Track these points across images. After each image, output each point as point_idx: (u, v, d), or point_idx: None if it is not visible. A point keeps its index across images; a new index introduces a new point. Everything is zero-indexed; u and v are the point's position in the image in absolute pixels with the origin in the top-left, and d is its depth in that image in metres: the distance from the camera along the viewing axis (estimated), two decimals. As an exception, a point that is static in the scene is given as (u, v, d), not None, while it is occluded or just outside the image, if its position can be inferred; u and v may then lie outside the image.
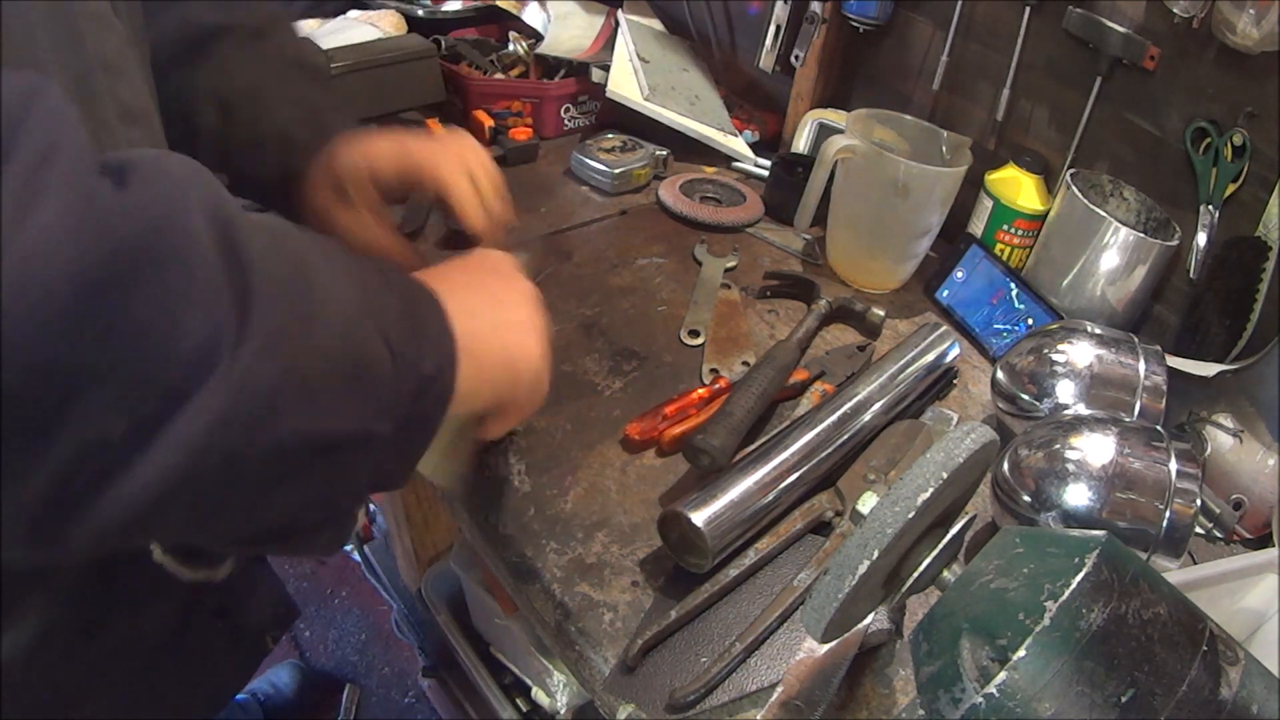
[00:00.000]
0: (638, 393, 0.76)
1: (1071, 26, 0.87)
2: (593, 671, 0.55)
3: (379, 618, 1.62)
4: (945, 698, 0.37)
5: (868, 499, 0.64)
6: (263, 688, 1.43)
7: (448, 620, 1.24)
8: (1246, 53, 0.73)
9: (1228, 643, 0.37)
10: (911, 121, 0.93)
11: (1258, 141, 0.77)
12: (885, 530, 0.40)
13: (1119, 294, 0.85)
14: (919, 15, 1.02)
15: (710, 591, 0.59)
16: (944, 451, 0.42)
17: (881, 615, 0.56)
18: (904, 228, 0.90)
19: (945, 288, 0.95)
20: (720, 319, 0.86)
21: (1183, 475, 0.58)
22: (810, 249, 1.00)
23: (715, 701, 0.54)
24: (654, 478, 0.69)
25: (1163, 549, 0.58)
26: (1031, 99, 0.95)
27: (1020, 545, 0.40)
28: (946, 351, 0.79)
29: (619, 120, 1.11)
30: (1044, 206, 0.92)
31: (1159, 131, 0.85)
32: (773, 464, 0.63)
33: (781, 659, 0.57)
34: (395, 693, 1.52)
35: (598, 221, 1.01)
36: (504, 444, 0.69)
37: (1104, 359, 0.70)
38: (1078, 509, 0.59)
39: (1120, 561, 0.37)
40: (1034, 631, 0.35)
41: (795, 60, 1.11)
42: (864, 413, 0.70)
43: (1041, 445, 0.62)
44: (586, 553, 0.62)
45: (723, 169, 1.13)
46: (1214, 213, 0.81)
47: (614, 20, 1.21)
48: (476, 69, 1.14)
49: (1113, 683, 0.34)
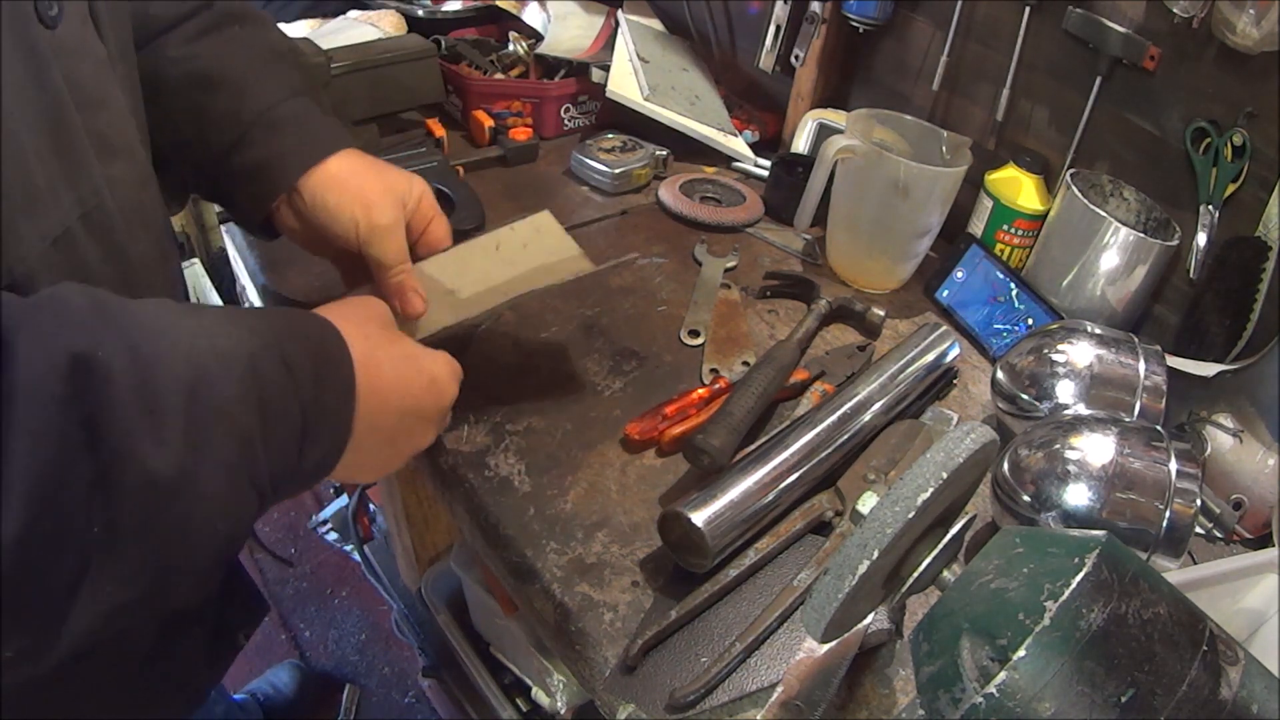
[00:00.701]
0: (638, 393, 0.76)
1: (1071, 26, 0.87)
2: (593, 671, 0.55)
3: (379, 618, 1.62)
4: (945, 698, 0.37)
5: (868, 499, 0.64)
6: (263, 688, 1.43)
7: (448, 620, 1.24)
8: (1246, 53, 0.73)
9: (1228, 643, 0.37)
10: (911, 121, 0.93)
11: (1258, 141, 0.77)
12: (885, 530, 0.40)
13: (1119, 294, 0.85)
14: (919, 15, 1.02)
15: (710, 591, 0.59)
16: (944, 451, 0.42)
17: (881, 615, 0.56)
18: (904, 228, 0.90)
19: (945, 288, 0.95)
20: (720, 319, 0.86)
21: (1183, 475, 0.58)
22: (810, 249, 1.00)
23: (715, 701, 0.54)
24: (654, 478, 0.69)
25: (1163, 549, 0.58)
26: (1031, 99, 0.95)
27: (1020, 545, 0.40)
28: (946, 351, 0.79)
29: (619, 120, 1.11)
30: (1044, 206, 0.92)
31: (1159, 131, 0.85)
32: (773, 464, 0.63)
33: (781, 659, 0.57)
34: (395, 693, 1.52)
35: (598, 221, 1.01)
36: (504, 444, 0.69)
37: (1104, 359, 0.70)
38: (1078, 509, 0.59)
39: (1120, 561, 0.37)
40: (1034, 631, 0.35)
41: (795, 60, 1.10)
42: (864, 413, 0.70)
43: (1041, 445, 0.62)
44: (586, 553, 0.62)
45: (723, 169, 1.13)
46: (1214, 213, 0.81)
47: (614, 20, 1.21)
48: (476, 69, 1.14)
49: (1113, 683, 0.34)
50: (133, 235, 0.49)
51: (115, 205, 0.47)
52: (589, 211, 1.02)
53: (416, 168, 0.96)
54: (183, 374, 0.37)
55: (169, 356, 0.37)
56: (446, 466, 0.68)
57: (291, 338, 0.44)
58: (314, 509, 1.80)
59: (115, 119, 0.47)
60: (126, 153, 0.48)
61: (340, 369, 0.47)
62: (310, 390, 0.43)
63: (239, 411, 0.39)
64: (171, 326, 0.38)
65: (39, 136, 0.41)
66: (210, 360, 0.38)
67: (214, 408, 0.38)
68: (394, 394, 0.51)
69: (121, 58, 0.49)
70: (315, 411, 0.44)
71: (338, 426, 0.46)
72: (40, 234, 0.41)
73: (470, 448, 0.68)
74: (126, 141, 0.49)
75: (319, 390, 0.44)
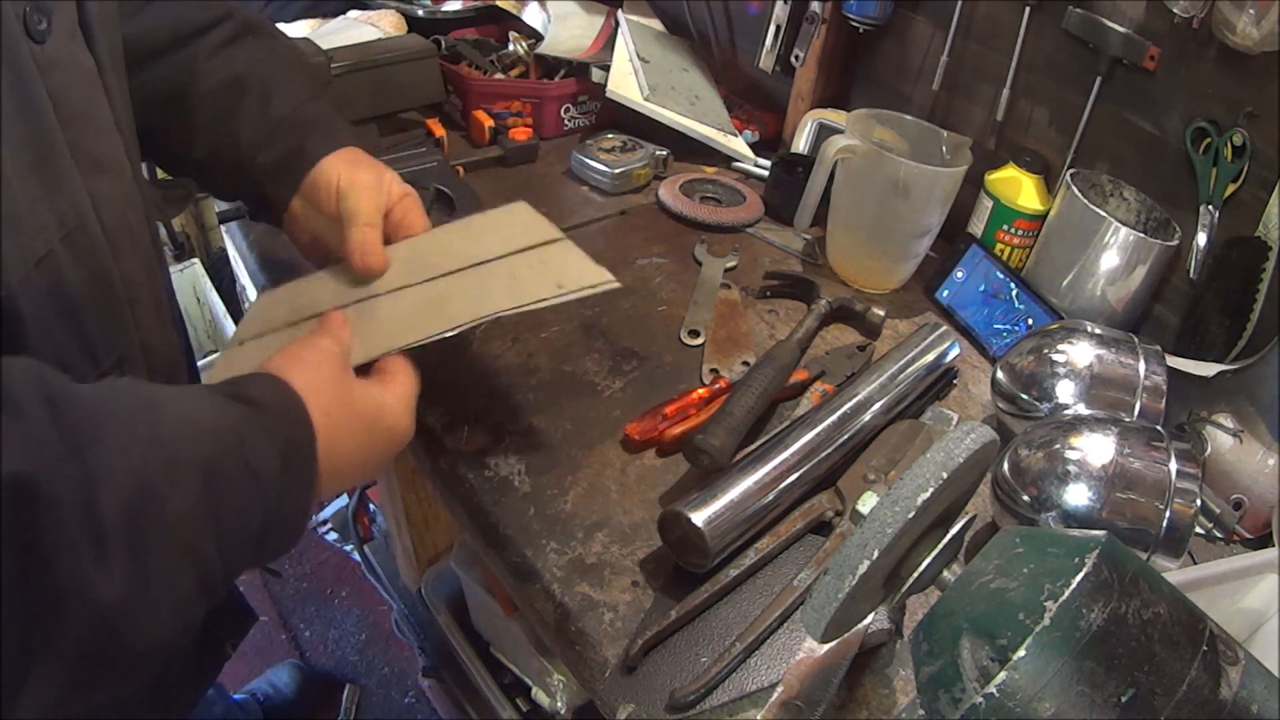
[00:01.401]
0: (638, 393, 0.76)
1: (1071, 26, 0.87)
2: (593, 671, 0.55)
3: (379, 618, 1.62)
4: (945, 698, 0.37)
5: (868, 499, 0.64)
6: (263, 688, 1.43)
7: (448, 620, 1.24)
8: (1246, 53, 0.73)
9: (1228, 643, 0.37)
10: (911, 121, 0.93)
11: (1258, 141, 0.77)
12: (885, 530, 0.40)
13: (1119, 294, 0.85)
14: (919, 15, 1.02)
15: (710, 591, 0.59)
16: (944, 451, 0.42)
17: (881, 615, 0.56)
18: (904, 228, 0.90)
19: (945, 288, 0.95)
20: (720, 319, 0.86)
21: (1183, 475, 0.58)
22: (810, 249, 1.00)
23: (715, 701, 0.54)
24: (654, 478, 0.69)
25: (1163, 549, 0.58)
26: (1031, 99, 0.95)
27: (1020, 545, 0.40)
28: (946, 351, 0.79)
29: (619, 120, 1.11)
30: (1044, 206, 0.92)
31: (1159, 131, 0.85)
32: (773, 464, 0.63)
33: (781, 659, 0.57)
34: (395, 693, 1.52)
35: (598, 221, 1.01)
36: (504, 444, 0.69)
37: (1104, 359, 0.70)
38: (1078, 509, 0.59)
39: (1120, 561, 0.37)
40: (1034, 631, 0.35)
41: (795, 60, 1.10)
42: (864, 413, 0.70)
43: (1041, 445, 0.62)
44: (586, 553, 0.62)
45: (723, 169, 1.13)
46: (1214, 213, 0.81)
47: (614, 20, 1.21)
48: (476, 69, 1.14)
49: (1113, 683, 0.34)
50: (119, 252, 0.48)
51: (101, 222, 0.46)
52: (589, 211, 1.02)
53: (416, 168, 0.96)
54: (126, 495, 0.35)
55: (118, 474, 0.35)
56: (446, 466, 0.68)
57: (257, 431, 0.42)
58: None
59: (101, 134, 0.47)
60: (114, 168, 0.48)
61: (307, 464, 0.45)
62: (274, 490, 0.42)
63: (187, 527, 0.38)
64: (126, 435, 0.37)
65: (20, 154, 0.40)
66: (159, 477, 0.37)
67: (162, 526, 0.36)
68: (353, 466, 0.50)
69: (111, 70, 0.49)
70: (276, 511, 0.43)
71: (298, 517, 0.45)
72: (23, 256, 0.41)
73: (470, 448, 0.69)
74: (113, 156, 0.48)
75: (283, 489, 0.43)
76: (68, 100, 0.43)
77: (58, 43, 0.43)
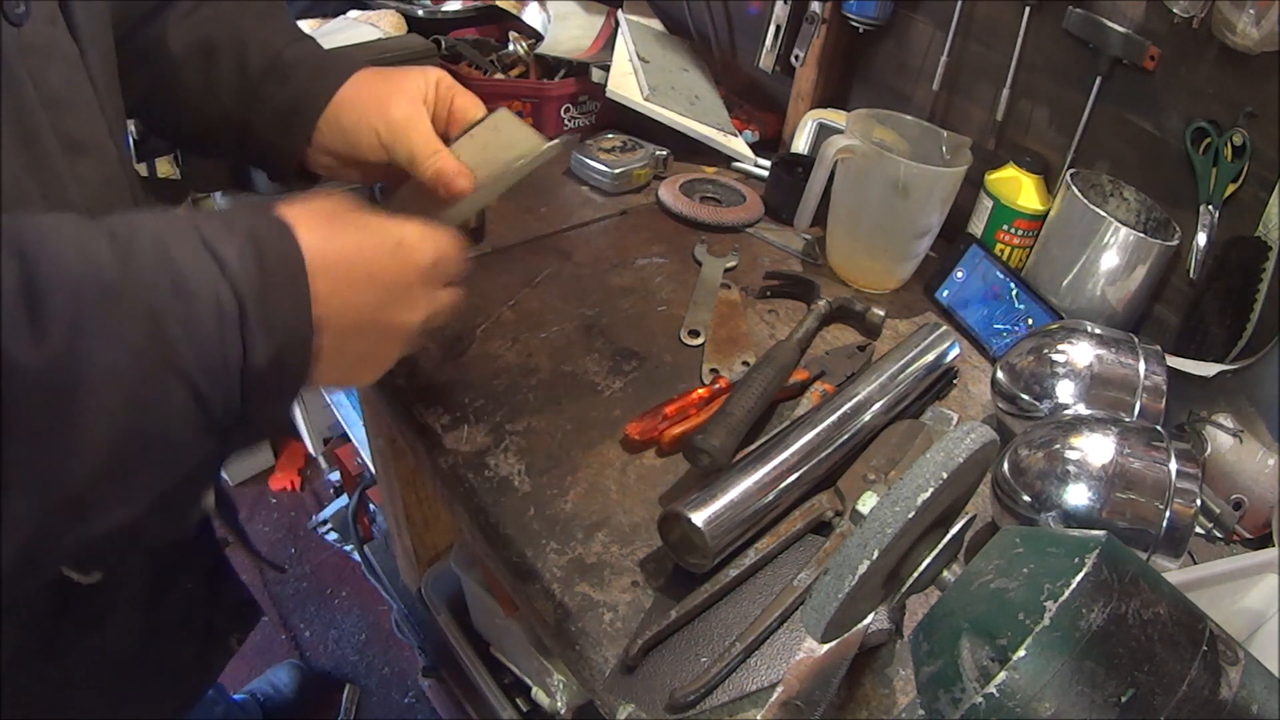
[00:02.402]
0: (638, 393, 0.76)
1: (1071, 26, 0.87)
2: (593, 671, 0.55)
3: (379, 618, 1.62)
4: (945, 698, 0.37)
5: (868, 499, 0.64)
6: (262, 688, 1.43)
7: (448, 620, 1.24)
8: (1246, 53, 0.73)
9: (1228, 643, 0.37)
10: (911, 121, 0.93)
11: (1258, 141, 0.77)
12: (885, 530, 0.40)
13: (1119, 294, 0.85)
14: (919, 15, 1.02)
15: (710, 591, 0.59)
16: (944, 451, 0.42)
17: (881, 615, 0.56)
18: (904, 228, 0.90)
19: (945, 288, 0.95)
20: (720, 319, 0.86)
21: (1183, 475, 0.58)
22: (810, 249, 1.00)
23: (715, 701, 0.54)
24: (654, 478, 0.69)
25: (1163, 549, 0.58)
26: (1031, 99, 0.95)
27: (1020, 545, 0.40)
28: (946, 351, 0.79)
29: (619, 120, 1.11)
30: (1044, 206, 0.92)
31: (1159, 131, 0.85)
32: (773, 464, 0.63)
33: (781, 659, 0.57)
34: (395, 693, 1.52)
35: (598, 221, 1.01)
36: (504, 444, 0.69)
37: (1104, 359, 0.70)
38: (1078, 509, 0.59)
39: (1120, 561, 0.37)
40: (1034, 631, 0.35)
41: (795, 60, 1.11)
42: (864, 413, 0.70)
43: (1041, 445, 0.62)
44: (586, 553, 0.62)
45: (723, 169, 1.13)
46: (1214, 213, 0.81)
47: (614, 20, 1.21)
48: (476, 69, 1.14)
49: (1113, 683, 0.34)
50: None
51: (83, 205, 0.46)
52: (589, 211, 1.02)
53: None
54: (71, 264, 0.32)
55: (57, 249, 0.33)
56: (446, 466, 0.68)
57: (209, 221, 0.39)
58: (314, 509, 1.80)
59: (84, 117, 0.47)
60: (97, 151, 0.48)
61: (280, 243, 0.40)
62: (238, 265, 0.37)
63: (137, 290, 0.34)
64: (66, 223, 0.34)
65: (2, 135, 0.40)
66: (104, 247, 0.34)
67: (105, 286, 0.33)
68: (357, 267, 0.44)
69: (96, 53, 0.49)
70: (251, 291, 0.37)
71: (291, 313, 0.40)
72: None
73: (470, 448, 0.69)
74: (96, 139, 0.48)
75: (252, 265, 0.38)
76: (47, 83, 0.43)
77: (35, 27, 0.43)
